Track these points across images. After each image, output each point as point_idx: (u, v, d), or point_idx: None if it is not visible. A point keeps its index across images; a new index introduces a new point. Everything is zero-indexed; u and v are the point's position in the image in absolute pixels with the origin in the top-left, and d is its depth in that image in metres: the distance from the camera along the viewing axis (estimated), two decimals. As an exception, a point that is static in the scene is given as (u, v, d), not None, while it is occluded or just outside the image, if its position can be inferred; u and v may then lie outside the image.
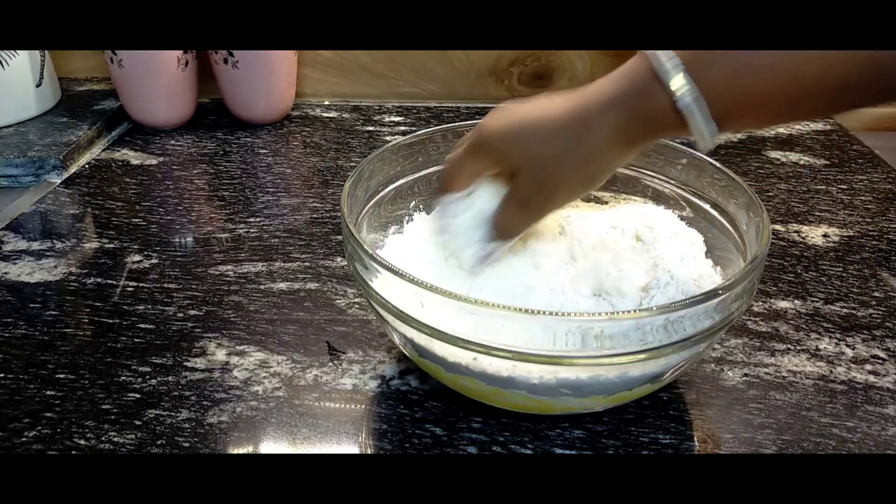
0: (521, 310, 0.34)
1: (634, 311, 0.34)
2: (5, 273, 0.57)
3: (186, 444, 0.41)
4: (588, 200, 0.54)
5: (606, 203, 0.53)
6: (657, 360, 0.36)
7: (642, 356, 0.35)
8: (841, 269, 0.58)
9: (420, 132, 0.51)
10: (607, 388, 0.38)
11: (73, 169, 0.75)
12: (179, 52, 0.79)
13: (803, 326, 0.51)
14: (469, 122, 0.53)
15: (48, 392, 0.45)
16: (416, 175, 0.52)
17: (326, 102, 0.93)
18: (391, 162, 0.50)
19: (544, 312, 0.34)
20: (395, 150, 0.50)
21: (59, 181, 0.72)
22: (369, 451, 0.41)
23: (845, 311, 0.52)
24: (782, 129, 0.85)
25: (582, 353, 0.35)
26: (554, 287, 0.42)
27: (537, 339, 0.35)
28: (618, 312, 0.35)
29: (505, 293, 0.42)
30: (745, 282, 0.37)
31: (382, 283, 0.38)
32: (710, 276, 0.45)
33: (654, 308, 0.35)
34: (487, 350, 0.36)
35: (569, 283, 0.43)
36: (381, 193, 0.50)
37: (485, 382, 0.38)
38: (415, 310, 0.37)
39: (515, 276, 0.43)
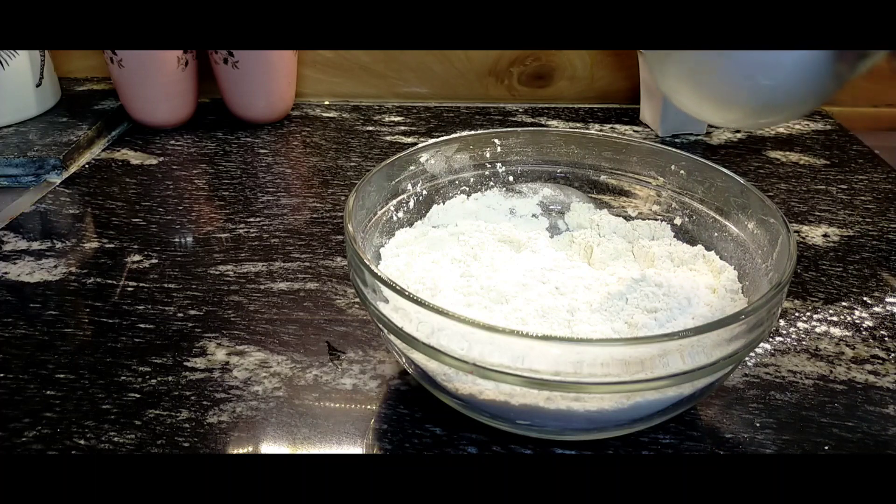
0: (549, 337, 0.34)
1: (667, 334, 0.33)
2: (5, 273, 0.57)
3: (186, 444, 0.41)
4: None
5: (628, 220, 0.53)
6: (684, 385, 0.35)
7: (667, 381, 0.34)
8: (841, 269, 0.58)
9: (419, 146, 0.51)
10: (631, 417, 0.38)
11: (73, 169, 0.75)
12: (179, 52, 0.79)
13: (803, 326, 0.51)
14: (465, 133, 0.53)
15: (48, 392, 0.45)
16: (408, 194, 0.51)
17: (326, 102, 0.93)
18: (390, 177, 0.49)
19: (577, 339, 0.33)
20: (392, 166, 0.49)
21: (59, 181, 0.72)
22: (369, 451, 0.41)
23: (845, 311, 0.52)
24: (782, 129, 0.85)
25: (616, 379, 0.34)
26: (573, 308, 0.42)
27: (560, 365, 0.33)
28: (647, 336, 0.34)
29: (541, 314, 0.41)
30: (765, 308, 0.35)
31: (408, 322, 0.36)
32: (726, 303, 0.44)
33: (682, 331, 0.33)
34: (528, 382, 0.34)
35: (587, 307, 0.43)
36: (380, 212, 0.49)
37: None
38: (446, 343, 0.35)
39: (541, 298, 0.43)
